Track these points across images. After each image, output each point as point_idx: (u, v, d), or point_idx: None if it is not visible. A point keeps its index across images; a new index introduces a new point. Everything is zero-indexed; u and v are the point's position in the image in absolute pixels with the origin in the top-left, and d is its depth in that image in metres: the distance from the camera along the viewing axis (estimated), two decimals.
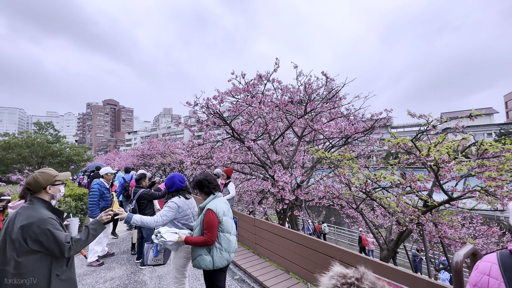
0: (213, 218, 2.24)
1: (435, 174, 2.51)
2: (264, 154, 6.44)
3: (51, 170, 2.05)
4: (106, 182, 5.09)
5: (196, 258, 2.31)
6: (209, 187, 2.47)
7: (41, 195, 1.94)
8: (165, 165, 12.75)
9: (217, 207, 2.30)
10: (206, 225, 2.24)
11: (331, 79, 5.92)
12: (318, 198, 5.22)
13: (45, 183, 1.93)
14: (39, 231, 1.74)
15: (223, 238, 2.32)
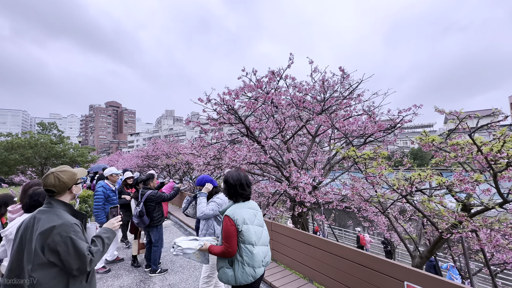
0: (229, 227, 1.95)
1: (494, 174, 2.20)
2: (276, 154, 6.14)
3: (70, 168, 1.81)
4: (112, 184, 4.80)
5: (219, 271, 2.07)
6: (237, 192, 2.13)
7: (62, 196, 1.69)
8: (170, 166, 12.47)
9: (235, 214, 1.99)
10: (224, 233, 1.97)
11: (348, 75, 5.63)
12: (337, 200, 4.90)
13: (71, 182, 1.70)
14: (58, 239, 1.48)
15: (244, 250, 1.98)
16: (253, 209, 2.16)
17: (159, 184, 5.07)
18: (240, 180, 2.14)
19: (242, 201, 2.14)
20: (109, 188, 4.71)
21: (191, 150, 6.84)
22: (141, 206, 4.16)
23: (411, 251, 3.88)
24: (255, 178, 6.60)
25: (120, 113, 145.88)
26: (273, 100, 5.18)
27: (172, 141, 14.15)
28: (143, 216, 4.14)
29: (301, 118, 5.98)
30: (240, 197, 2.13)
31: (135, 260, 4.65)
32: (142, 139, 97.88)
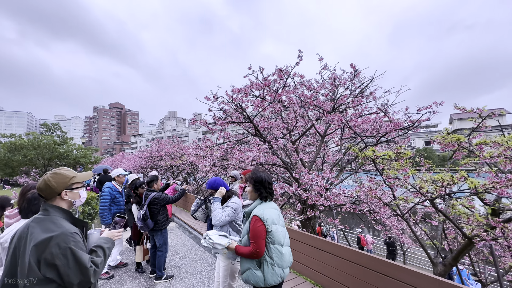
0: (259, 227, 1.92)
1: None
2: (284, 155, 5.92)
3: (68, 171, 1.60)
4: (118, 185, 4.63)
5: (246, 272, 2.01)
6: (266, 190, 2.13)
7: (56, 202, 1.49)
8: (174, 167, 12.31)
9: (265, 214, 1.96)
10: (252, 234, 1.94)
11: (359, 72, 5.41)
12: (350, 203, 4.66)
13: (59, 188, 1.49)
14: (57, 251, 1.29)
15: (274, 250, 1.95)
16: (277, 209, 2.14)
17: (163, 186, 4.88)
18: (270, 178, 2.16)
19: (269, 200, 2.14)
20: (116, 190, 4.54)
21: (196, 151, 6.65)
22: (145, 209, 3.97)
23: (432, 258, 3.64)
24: None
25: (124, 115, 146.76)
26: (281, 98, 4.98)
27: (176, 142, 14.01)
28: (147, 220, 3.95)
29: (309, 117, 5.77)
30: (270, 196, 2.13)
31: (139, 266, 4.46)
32: (145, 140, 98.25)
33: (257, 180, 2.14)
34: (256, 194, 2.15)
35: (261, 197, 2.13)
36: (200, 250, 5.45)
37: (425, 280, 2.19)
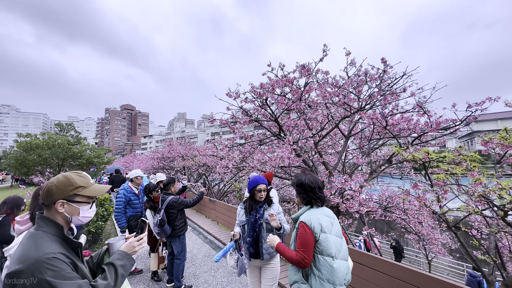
0: (307, 234, 1.76)
1: None
2: (306, 156, 5.54)
3: (81, 177, 1.26)
4: (135, 187, 4.38)
5: (292, 286, 1.86)
6: (311, 195, 1.96)
7: (50, 213, 1.17)
8: (186, 168, 12.12)
9: (312, 220, 1.79)
10: (299, 241, 1.78)
11: (391, 67, 4.98)
12: (382, 209, 4.24)
13: (58, 195, 1.16)
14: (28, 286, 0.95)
15: (323, 262, 1.74)
16: (329, 216, 1.92)
17: (180, 188, 4.61)
18: (317, 182, 1.98)
19: (318, 206, 1.96)
20: (131, 191, 4.29)
21: (213, 152, 6.36)
22: (162, 214, 3.68)
23: (486, 275, 3.18)
24: (283, 182, 6.04)
25: (134, 116, 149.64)
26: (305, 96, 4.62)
27: (187, 142, 13.86)
28: (164, 225, 3.66)
29: (333, 116, 5.38)
30: (318, 201, 1.95)
31: (155, 274, 4.17)
32: (155, 141, 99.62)
33: (298, 185, 1.99)
34: (300, 200, 2.01)
35: (306, 202, 1.97)
36: None
37: None
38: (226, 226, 6.93)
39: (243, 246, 2.62)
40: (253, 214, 2.55)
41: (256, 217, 2.52)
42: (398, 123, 4.15)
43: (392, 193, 5.41)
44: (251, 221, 2.54)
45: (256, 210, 2.55)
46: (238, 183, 9.76)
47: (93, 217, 5.77)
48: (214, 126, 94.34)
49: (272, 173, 4.96)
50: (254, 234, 2.51)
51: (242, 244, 2.64)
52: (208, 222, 7.70)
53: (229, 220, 6.64)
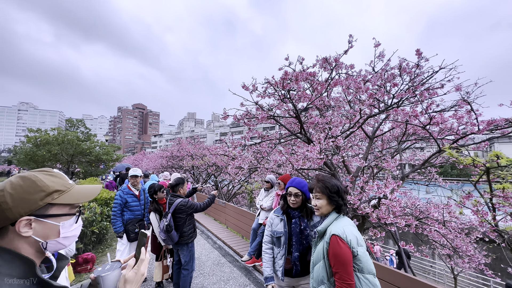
0: (343, 250, 1.49)
1: None
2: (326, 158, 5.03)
3: (49, 175, 0.82)
4: (134, 187, 4.01)
5: None
6: (343, 200, 1.71)
7: (8, 241, 0.72)
8: (195, 168, 11.81)
9: (347, 233, 1.54)
10: (334, 260, 1.49)
11: (427, 59, 4.42)
12: (415, 219, 3.69)
13: (16, 209, 0.71)
14: None
15: (364, 282, 1.50)
16: (355, 226, 1.70)
17: (190, 190, 4.21)
18: (339, 183, 1.76)
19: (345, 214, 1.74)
20: (130, 193, 3.91)
21: (224, 151, 5.97)
22: (169, 219, 3.28)
23: None
24: None
25: (145, 115, 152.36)
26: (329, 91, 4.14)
27: (197, 141, 13.58)
28: (171, 231, 3.25)
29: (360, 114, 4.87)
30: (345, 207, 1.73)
31: (159, 285, 3.78)
32: (165, 140, 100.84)
33: (333, 190, 1.69)
34: (330, 207, 1.71)
35: (339, 210, 1.70)
36: (228, 266, 4.70)
37: None
38: (236, 231, 6.51)
39: (276, 262, 2.19)
40: (296, 223, 2.12)
41: (301, 227, 2.11)
42: (443, 121, 3.60)
43: (423, 202, 4.84)
44: (295, 232, 2.11)
45: (299, 219, 2.14)
46: (249, 185, 9.33)
47: (98, 217, 5.50)
48: (223, 127, 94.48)
49: (289, 175, 4.50)
50: (301, 248, 2.09)
51: (276, 260, 2.20)
52: (217, 226, 7.31)
53: (239, 225, 6.21)
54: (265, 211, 4.76)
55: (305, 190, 2.17)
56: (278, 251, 2.20)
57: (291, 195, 2.15)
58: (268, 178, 4.82)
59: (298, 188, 2.17)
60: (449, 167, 26.90)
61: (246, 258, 4.56)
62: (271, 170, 5.10)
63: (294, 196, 2.14)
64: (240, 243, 5.73)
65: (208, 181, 13.25)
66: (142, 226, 3.95)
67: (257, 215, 4.99)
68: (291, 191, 2.15)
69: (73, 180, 12.36)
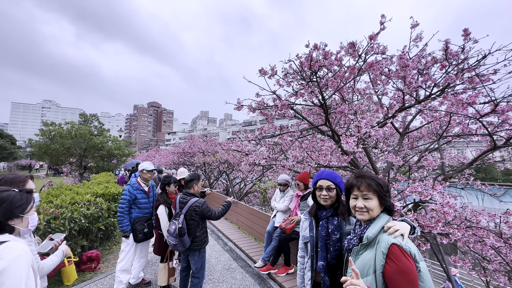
0: (412, 266, 1.13)
1: None
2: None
3: None
4: (144, 183, 3.66)
5: None
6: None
7: None
8: (206, 165, 11.51)
9: (409, 242, 1.20)
10: (400, 279, 1.11)
11: (475, 41, 3.76)
12: (466, 229, 3.08)
13: None
14: None
15: None
16: None
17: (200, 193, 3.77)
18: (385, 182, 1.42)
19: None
20: (139, 188, 3.56)
21: (237, 146, 5.55)
22: (182, 221, 2.89)
23: None
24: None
25: (160, 113, 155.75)
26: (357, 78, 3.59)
27: (209, 138, 13.30)
28: (184, 236, 2.85)
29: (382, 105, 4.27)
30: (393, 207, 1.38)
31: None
32: (178, 138, 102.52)
33: (386, 189, 1.36)
34: (380, 209, 1.36)
35: (389, 212, 1.37)
36: (240, 272, 4.27)
37: None
38: (249, 232, 6.07)
39: (305, 274, 1.83)
40: (323, 225, 1.72)
41: (328, 230, 1.70)
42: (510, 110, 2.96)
43: (468, 208, 4.17)
44: (321, 236, 1.71)
45: (326, 220, 1.72)
46: (263, 184, 8.86)
47: (105, 213, 5.25)
48: (236, 125, 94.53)
49: (308, 174, 4.00)
50: (328, 256, 1.67)
51: (305, 272, 1.84)
52: (228, 225, 6.91)
53: (252, 226, 5.77)
54: (281, 212, 4.30)
55: (338, 182, 1.76)
56: (306, 260, 1.85)
57: (322, 189, 1.75)
58: (283, 179, 4.33)
59: (331, 179, 1.75)
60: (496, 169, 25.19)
61: (260, 264, 4.12)
62: (288, 167, 4.61)
63: (327, 190, 1.74)
64: (253, 246, 5.29)
65: (220, 179, 12.94)
66: (151, 225, 3.60)
67: (272, 217, 4.53)
68: (322, 184, 1.75)
69: (86, 174, 12.45)
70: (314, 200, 1.81)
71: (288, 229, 3.60)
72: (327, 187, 1.72)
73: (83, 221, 4.43)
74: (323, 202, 1.72)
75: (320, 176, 1.76)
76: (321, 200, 1.75)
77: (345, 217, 1.70)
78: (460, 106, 2.91)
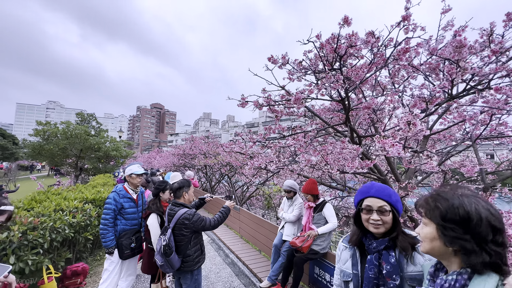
0: None
1: None
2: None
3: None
4: (132, 189, 3.17)
5: None
6: (484, 246, 0.75)
7: None
8: (207, 167, 11.02)
9: None
10: None
11: None
12: None
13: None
14: None
15: None
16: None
17: (196, 201, 3.24)
18: (496, 215, 0.76)
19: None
20: (125, 195, 3.06)
21: (240, 148, 5.07)
22: (168, 236, 2.39)
23: None
24: (336, 193, 4.51)
25: (163, 114, 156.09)
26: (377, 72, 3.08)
27: (211, 139, 12.83)
28: (170, 255, 2.35)
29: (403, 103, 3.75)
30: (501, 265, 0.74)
31: None
32: (181, 139, 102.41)
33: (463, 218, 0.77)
34: (450, 251, 0.83)
35: (471, 264, 0.76)
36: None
37: None
38: (252, 243, 5.54)
39: None
40: (372, 262, 1.19)
41: (382, 270, 1.16)
42: None
43: None
44: (368, 277, 1.18)
45: (379, 254, 1.19)
46: (267, 189, 8.34)
47: (94, 221, 4.76)
48: (238, 127, 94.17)
49: (314, 181, 3.48)
50: None
51: None
52: (230, 234, 6.39)
53: (257, 236, 5.24)
54: (290, 224, 3.78)
55: (394, 201, 1.23)
56: None
57: (371, 212, 1.22)
58: (289, 185, 3.80)
59: (384, 198, 1.23)
60: None
61: (266, 284, 3.59)
62: (297, 172, 4.09)
63: (379, 212, 1.21)
64: (258, 259, 4.76)
65: (222, 182, 12.44)
66: (139, 239, 3.10)
67: (280, 228, 4.00)
68: (371, 205, 1.22)
69: (83, 176, 12.00)
70: (357, 223, 1.30)
71: (305, 248, 3.08)
72: (379, 209, 1.20)
73: (68, 231, 3.94)
74: (373, 229, 1.20)
75: (367, 192, 1.25)
76: (370, 227, 1.22)
77: (407, 254, 1.17)
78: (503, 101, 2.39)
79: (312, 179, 3.56)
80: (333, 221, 3.29)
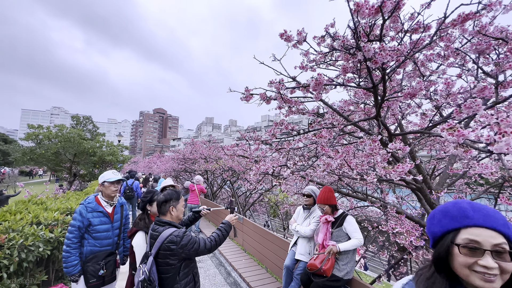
0: None
1: None
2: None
3: None
4: (106, 200, 2.58)
5: None
6: None
7: None
8: (209, 173, 10.44)
9: None
10: None
11: None
12: None
13: None
14: None
15: None
16: None
17: (190, 215, 2.64)
18: None
19: None
20: (95, 209, 2.45)
21: (244, 151, 4.50)
22: (149, 267, 1.79)
23: None
24: (352, 202, 3.90)
25: (165, 119, 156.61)
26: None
27: (212, 143, 12.30)
28: (151, 287, 1.76)
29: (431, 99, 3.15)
30: None
31: None
32: (183, 144, 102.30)
33: None
34: None
35: None
36: None
37: None
38: (258, 259, 4.90)
39: None
40: None
41: None
42: None
43: None
44: None
45: None
46: (273, 195, 7.70)
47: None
48: (240, 131, 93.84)
49: (331, 189, 2.88)
50: None
51: None
52: (232, 248, 5.75)
53: (263, 251, 4.61)
54: (305, 240, 3.16)
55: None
56: None
57: (480, 253, 0.66)
58: (309, 190, 3.22)
59: (502, 231, 0.63)
60: None
61: None
62: (310, 179, 3.48)
63: (496, 255, 0.62)
64: (265, 281, 4.11)
65: (224, 187, 11.85)
66: (113, 263, 2.50)
67: (292, 245, 3.37)
68: (481, 242, 0.67)
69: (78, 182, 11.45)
70: (444, 269, 0.70)
71: (327, 270, 2.47)
72: (496, 249, 0.63)
73: (42, 248, 3.36)
74: (481, 283, 0.62)
75: (465, 217, 0.68)
76: (475, 278, 0.64)
77: None
78: None
79: (328, 186, 2.96)
80: (358, 236, 2.68)
